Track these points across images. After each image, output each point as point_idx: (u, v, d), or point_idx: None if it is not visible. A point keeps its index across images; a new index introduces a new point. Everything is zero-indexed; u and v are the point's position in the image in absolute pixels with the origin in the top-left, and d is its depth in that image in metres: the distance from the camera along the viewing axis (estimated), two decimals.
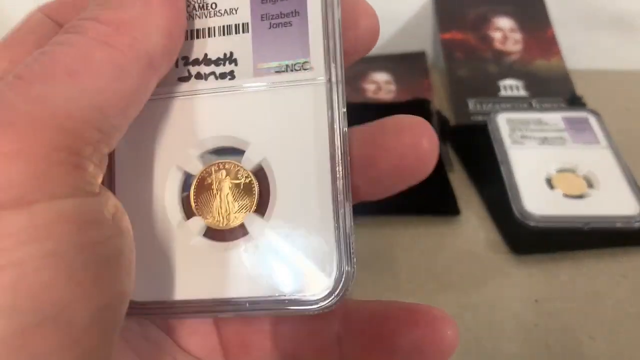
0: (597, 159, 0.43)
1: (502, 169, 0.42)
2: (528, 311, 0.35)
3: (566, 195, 0.40)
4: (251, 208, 0.20)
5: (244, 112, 0.20)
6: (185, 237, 0.20)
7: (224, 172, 0.20)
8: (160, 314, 0.20)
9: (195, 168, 0.20)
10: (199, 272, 0.20)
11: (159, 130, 0.20)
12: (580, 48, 0.55)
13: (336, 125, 0.19)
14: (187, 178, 0.20)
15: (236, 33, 0.20)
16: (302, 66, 0.20)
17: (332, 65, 0.19)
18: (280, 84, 0.20)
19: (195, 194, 0.20)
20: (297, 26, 0.20)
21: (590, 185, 0.41)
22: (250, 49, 0.20)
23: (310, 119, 0.19)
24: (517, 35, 0.55)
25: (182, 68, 0.20)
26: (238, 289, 0.19)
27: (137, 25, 0.16)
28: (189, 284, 0.20)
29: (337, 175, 0.19)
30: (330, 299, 0.19)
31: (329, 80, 0.19)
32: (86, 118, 0.15)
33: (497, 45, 0.54)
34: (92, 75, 0.15)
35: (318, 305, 0.19)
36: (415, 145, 0.19)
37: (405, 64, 0.56)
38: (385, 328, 0.19)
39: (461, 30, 0.55)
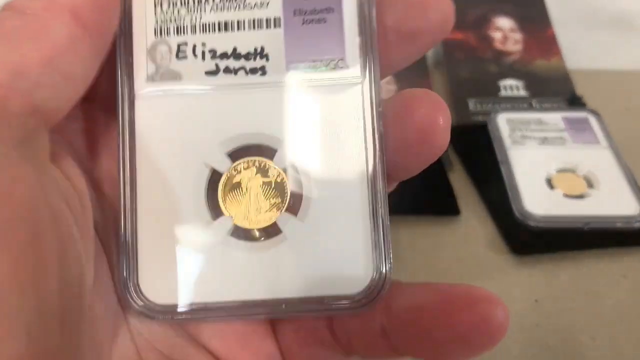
0: (598, 159, 0.43)
1: (502, 168, 0.42)
2: (528, 311, 0.35)
3: (566, 195, 0.40)
4: (283, 207, 0.19)
5: (276, 110, 0.19)
6: (214, 237, 0.19)
7: (254, 170, 0.20)
8: (191, 318, 0.19)
9: (224, 165, 0.19)
10: (230, 273, 0.19)
11: (185, 126, 0.20)
12: (580, 48, 0.55)
13: (372, 125, 0.19)
14: (215, 176, 0.20)
15: (267, 27, 0.19)
16: (336, 64, 0.19)
17: (368, 63, 0.19)
18: (314, 81, 0.19)
19: (223, 192, 0.19)
20: (332, 23, 0.19)
21: (590, 185, 0.41)
22: (282, 45, 0.19)
23: (346, 118, 0.19)
24: (517, 35, 0.54)
25: (210, 61, 0.19)
26: (273, 289, 0.19)
27: None
28: (221, 285, 0.19)
29: (375, 175, 0.19)
30: (367, 299, 0.19)
31: (365, 79, 0.19)
32: (8, 85, 0.15)
33: (497, 45, 0.54)
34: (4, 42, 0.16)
35: (356, 306, 0.19)
36: (429, 118, 0.18)
37: None
38: (425, 320, 0.18)
39: (461, 30, 0.55)
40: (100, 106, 0.20)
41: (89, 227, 0.18)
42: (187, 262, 0.19)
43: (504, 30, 0.55)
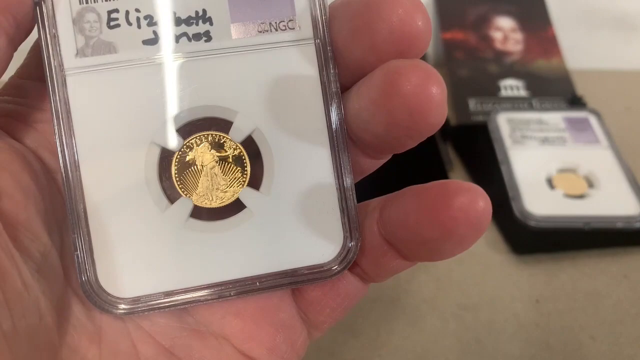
0: (598, 159, 0.43)
1: (503, 169, 0.42)
2: (529, 311, 0.35)
3: (567, 195, 0.40)
4: (244, 182, 0.18)
5: (226, 78, 0.18)
6: (174, 221, 0.18)
7: (207, 145, 0.18)
8: (162, 307, 0.18)
9: (175, 143, 0.18)
10: (197, 256, 0.18)
11: (126, 104, 0.18)
12: (581, 48, 0.55)
13: (330, 88, 0.18)
14: (167, 155, 0.18)
15: None
16: (287, 25, 0.18)
17: (320, 24, 0.18)
18: (265, 45, 0.18)
19: (177, 172, 0.18)
20: None
21: (590, 185, 0.41)
22: (226, 6, 0.18)
23: (302, 82, 0.18)
24: (518, 35, 0.54)
25: (147, 29, 0.18)
26: (244, 268, 0.18)
27: None
28: (189, 270, 0.18)
29: (338, 140, 0.18)
30: (340, 264, 0.18)
31: (318, 40, 0.18)
32: None
33: (498, 45, 0.54)
34: None
35: (329, 274, 0.18)
36: (420, 92, 0.16)
37: None
38: (412, 224, 0.17)
39: (462, 30, 0.55)
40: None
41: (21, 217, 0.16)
42: (148, 251, 0.18)
43: (505, 30, 0.55)
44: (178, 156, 0.18)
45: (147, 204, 0.18)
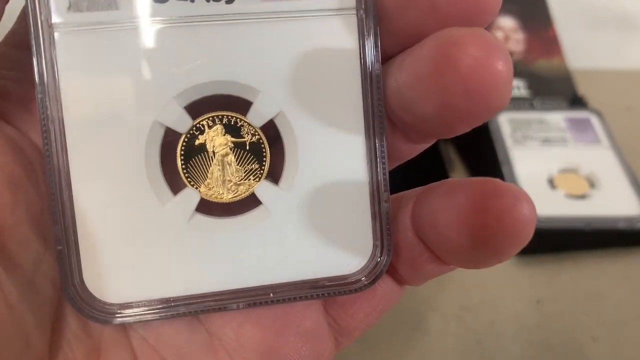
0: (599, 159, 0.42)
1: (504, 169, 0.42)
2: (530, 312, 0.35)
3: (568, 196, 0.40)
4: (261, 175, 0.16)
5: (248, 50, 0.15)
6: (177, 216, 0.15)
7: (221, 128, 0.16)
8: (162, 315, 0.16)
9: (182, 124, 0.15)
10: (201, 258, 0.16)
11: (127, 73, 0.15)
12: (582, 48, 0.55)
13: (371, 68, 0.15)
14: (172, 138, 0.15)
15: None
16: None
17: None
18: (297, 13, 0.15)
19: (184, 158, 0.16)
20: None
21: (592, 185, 0.41)
22: None
23: (338, 60, 0.15)
24: (519, 35, 0.54)
25: None
26: (257, 275, 0.16)
27: None
28: (192, 275, 0.16)
29: (374, 132, 0.15)
30: (367, 277, 0.16)
31: (362, 10, 0.15)
32: None
33: None
34: None
35: (354, 286, 0.16)
36: (482, 68, 0.13)
37: None
38: (456, 220, 0.15)
39: None
40: None
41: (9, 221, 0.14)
42: (145, 250, 0.15)
43: (506, 30, 0.55)
44: (185, 139, 0.16)
45: (145, 195, 0.15)
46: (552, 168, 0.42)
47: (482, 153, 0.45)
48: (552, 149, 0.43)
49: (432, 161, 0.43)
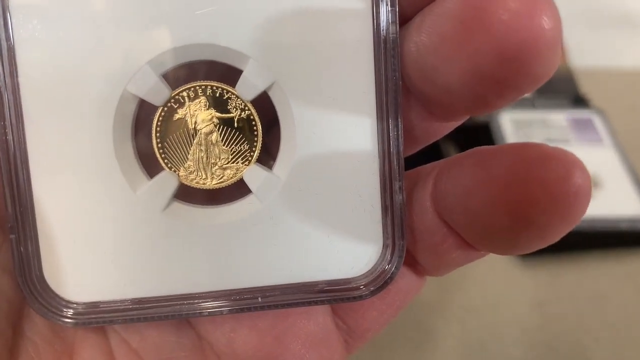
0: (602, 159, 0.42)
1: None
2: (532, 313, 0.35)
3: None
4: (252, 157, 0.14)
5: (238, 7, 0.12)
6: (151, 202, 0.13)
7: (203, 101, 0.13)
8: (124, 317, 0.14)
9: (159, 95, 0.13)
10: (178, 253, 0.13)
11: (90, 34, 0.12)
12: (584, 47, 0.54)
13: (385, 31, 0.12)
14: (146, 111, 0.13)
15: None
16: None
17: None
18: None
19: (159, 135, 0.13)
20: None
21: (594, 185, 0.41)
22: None
23: (346, 21, 0.13)
24: None
25: None
26: (244, 275, 0.14)
27: None
28: (170, 273, 0.14)
29: (386, 107, 0.13)
30: (374, 284, 0.14)
31: None
32: None
33: None
34: None
35: (358, 292, 0.14)
36: (524, 26, 0.11)
37: None
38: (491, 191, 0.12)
39: None
40: None
41: None
42: (114, 242, 0.13)
43: None
44: (162, 113, 0.13)
45: (114, 178, 0.13)
46: None
47: None
48: None
49: (433, 161, 0.43)
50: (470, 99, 0.12)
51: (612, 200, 0.40)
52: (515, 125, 0.45)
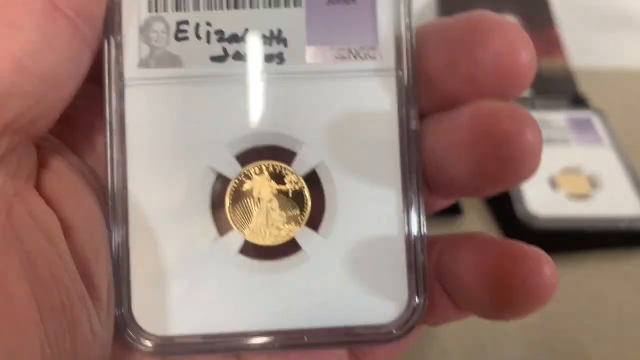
0: (601, 159, 0.42)
1: None
2: None
3: (569, 196, 0.40)
4: (302, 221, 0.17)
5: (295, 105, 0.17)
6: (221, 256, 0.17)
7: (267, 176, 0.17)
8: (193, 350, 0.17)
9: (232, 170, 0.17)
10: (241, 298, 0.17)
11: (185, 122, 0.17)
12: (584, 47, 0.54)
13: (409, 126, 0.16)
14: (222, 183, 0.17)
15: (286, 6, 0.17)
16: (367, 53, 0.17)
17: (404, 54, 0.16)
18: (340, 73, 0.17)
19: (231, 202, 0.17)
20: (363, 5, 0.17)
21: (593, 185, 0.41)
22: (303, 28, 0.17)
23: (377, 117, 0.17)
24: None
25: (216, 45, 0.17)
26: (292, 318, 0.17)
27: None
28: (230, 313, 0.17)
29: (410, 187, 0.16)
30: (400, 330, 0.17)
31: (400, 72, 0.17)
32: None
33: None
34: None
35: (387, 338, 0.17)
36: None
37: None
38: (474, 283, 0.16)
39: None
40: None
41: (92, 255, 0.15)
42: (189, 286, 0.17)
43: None
44: (234, 185, 0.17)
45: (194, 234, 0.17)
46: (553, 168, 0.42)
47: None
48: (554, 149, 0.43)
49: None
50: (470, 188, 0.16)
51: (611, 200, 0.40)
52: None
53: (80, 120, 0.17)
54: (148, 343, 0.16)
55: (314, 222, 0.17)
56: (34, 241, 0.13)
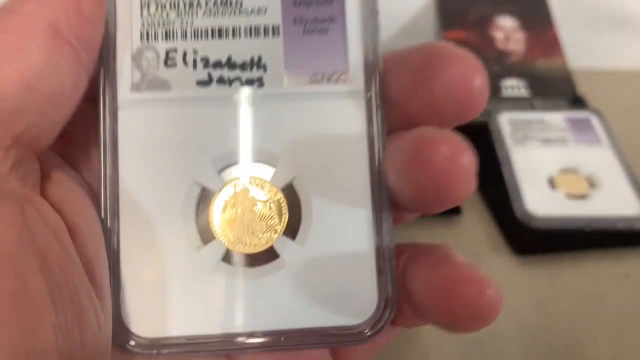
0: (600, 159, 0.42)
1: (504, 169, 0.42)
2: (530, 312, 0.35)
3: (568, 196, 0.40)
4: (280, 230, 0.18)
5: (274, 124, 0.18)
6: (204, 263, 0.18)
7: (248, 189, 0.18)
8: (179, 351, 0.18)
9: (216, 184, 0.18)
10: (223, 302, 0.18)
11: (173, 140, 0.18)
12: (583, 48, 0.54)
13: (377, 144, 0.18)
14: (206, 196, 0.18)
15: (265, 36, 0.18)
16: (339, 77, 0.18)
17: (372, 78, 0.18)
18: (315, 95, 0.18)
19: (214, 213, 0.18)
20: (335, 33, 0.18)
21: (592, 185, 0.41)
22: (281, 55, 0.18)
23: (348, 135, 0.18)
24: (519, 35, 0.54)
25: (202, 70, 0.18)
26: (271, 320, 0.18)
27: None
28: (213, 316, 0.18)
29: (379, 199, 0.18)
30: (372, 329, 0.18)
31: (369, 94, 0.18)
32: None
33: (499, 44, 0.54)
34: None
35: (360, 338, 0.18)
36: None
37: None
38: (425, 301, 0.17)
39: (463, 29, 0.55)
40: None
41: (94, 256, 0.17)
42: (174, 291, 0.18)
43: (506, 30, 0.55)
44: (217, 197, 0.18)
45: (180, 243, 0.18)
46: (552, 168, 0.42)
47: (482, 153, 0.45)
48: (553, 149, 0.43)
49: None
50: (415, 205, 0.17)
51: (609, 200, 0.40)
52: (513, 125, 0.45)
53: (76, 135, 0.18)
54: (136, 344, 0.17)
55: (291, 231, 0.18)
56: (46, 240, 0.15)
